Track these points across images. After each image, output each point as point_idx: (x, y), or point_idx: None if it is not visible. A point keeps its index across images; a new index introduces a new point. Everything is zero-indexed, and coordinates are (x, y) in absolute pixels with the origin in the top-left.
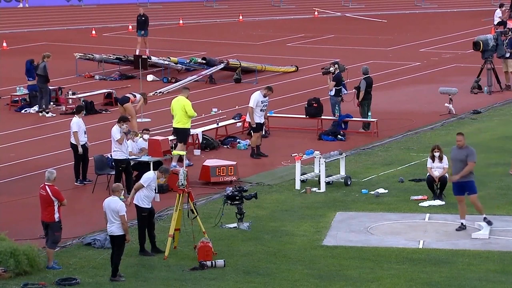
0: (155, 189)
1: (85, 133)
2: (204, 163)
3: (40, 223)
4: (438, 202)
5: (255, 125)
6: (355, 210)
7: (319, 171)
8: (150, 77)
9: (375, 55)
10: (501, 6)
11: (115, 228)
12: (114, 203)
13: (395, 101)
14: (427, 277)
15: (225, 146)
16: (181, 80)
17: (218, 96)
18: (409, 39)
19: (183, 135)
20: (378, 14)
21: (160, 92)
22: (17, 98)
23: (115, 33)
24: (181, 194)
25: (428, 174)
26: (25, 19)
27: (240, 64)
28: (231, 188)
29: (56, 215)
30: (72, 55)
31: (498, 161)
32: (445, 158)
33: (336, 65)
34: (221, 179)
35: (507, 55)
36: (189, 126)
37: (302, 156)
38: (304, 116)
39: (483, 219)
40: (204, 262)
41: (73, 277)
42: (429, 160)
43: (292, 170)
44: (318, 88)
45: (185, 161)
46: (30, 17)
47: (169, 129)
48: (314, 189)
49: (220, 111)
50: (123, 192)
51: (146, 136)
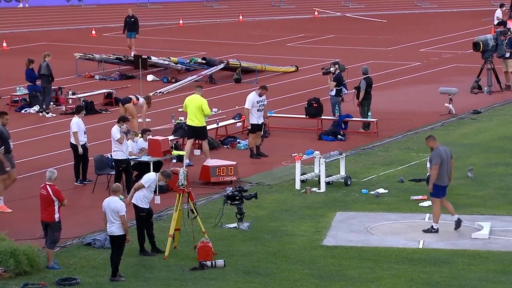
0: (154, 191)
1: (85, 133)
2: (204, 163)
3: (40, 223)
4: None
5: (250, 127)
6: (355, 210)
7: (319, 171)
8: (150, 77)
9: (375, 55)
10: (501, 6)
11: (115, 228)
12: (114, 203)
13: (395, 101)
14: (427, 277)
15: (225, 146)
16: (181, 80)
17: (218, 96)
18: (409, 39)
19: (203, 132)
20: (378, 14)
21: (160, 92)
22: (17, 98)
23: (115, 33)
24: (181, 194)
25: (428, 174)
26: (25, 19)
27: (240, 64)
28: (231, 188)
29: (56, 215)
30: (72, 55)
31: (498, 161)
32: None
33: (336, 65)
34: (221, 179)
35: (507, 55)
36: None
37: (302, 156)
38: (304, 116)
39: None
40: (204, 262)
41: (73, 277)
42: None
43: (292, 170)
44: (318, 88)
45: (185, 161)
46: (30, 17)
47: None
48: (314, 189)
49: (220, 111)
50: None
51: (149, 137)
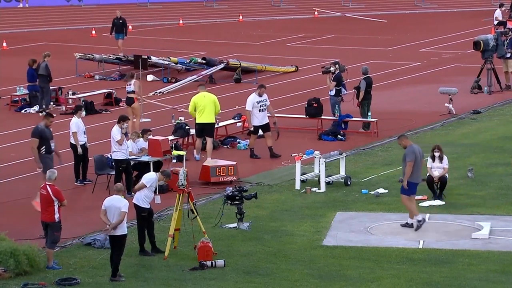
0: (155, 191)
1: (84, 133)
2: (204, 163)
3: (40, 223)
4: (438, 202)
5: (252, 128)
6: (355, 210)
7: (319, 171)
8: (150, 77)
9: (375, 55)
10: (501, 6)
11: (120, 229)
12: (119, 202)
13: (395, 101)
14: (427, 277)
15: (225, 146)
16: (181, 80)
17: (218, 96)
18: (409, 39)
19: (212, 129)
20: (378, 14)
21: (160, 92)
22: (17, 98)
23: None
24: (181, 194)
25: (428, 174)
26: (25, 19)
27: (240, 64)
28: (231, 188)
29: (56, 215)
30: (72, 55)
31: (498, 161)
32: (445, 158)
33: (336, 65)
34: (221, 179)
35: (508, 55)
36: None
37: (302, 156)
38: (304, 116)
39: (406, 223)
40: (204, 262)
41: (73, 277)
42: (429, 160)
43: (292, 170)
44: (318, 88)
45: (184, 160)
46: (30, 17)
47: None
48: (314, 189)
49: (220, 111)
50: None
51: (149, 137)
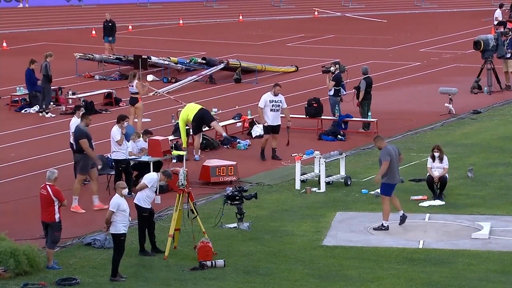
0: (156, 191)
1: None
2: (204, 163)
3: (40, 223)
4: (438, 202)
5: (265, 123)
6: (355, 210)
7: (319, 171)
8: (150, 77)
9: (375, 55)
10: (501, 6)
11: (112, 227)
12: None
13: (395, 101)
14: (427, 277)
15: (225, 146)
16: (181, 80)
17: (218, 96)
18: (409, 39)
19: (208, 114)
20: (378, 14)
21: (156, 93)
22: (17, 98)
23: (115, 33)
24: (181, 194)
25: (428, 174)
26: (25, 19)
27: (240, 64)
28: (231, 188)
29: (57, 215)
30: (72, 55)
31: (498, 161)
32: (445, 158)
33: (337, 65)
34: (221, 179)
35: (508, 55)
36: None
37: (302, 156)
38: (304, 116)
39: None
40: (204, 262)
41: (73, 277)
42: (429, 160)
43: (292, 170)
44: (318, 88)
45: (184, 161)
46: (30, 17)
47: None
48: (314, 189)
49: (220, 111)
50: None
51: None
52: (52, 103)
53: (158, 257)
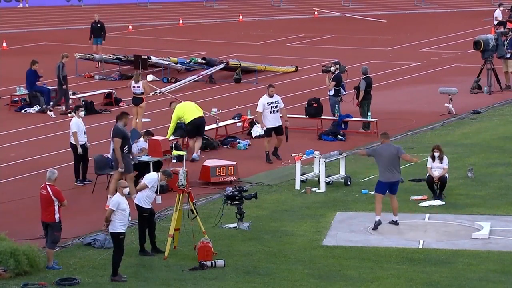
0: (156, 191)
1: (84, 133)
2: (204, 163)
3: (40, 223)
4: (438, 202)
5: (265, 129)
6: (355, 210)
7: (319, 171)
8: (150, 77)
9: (375, 55)
10: (500, 6)
11: (110, 225)
12: (125, 202)
13: (395, 101)
14: (427, 277)
15: (225, 146)
16: (181, 80)
17: (218, 96)
18: (409, 39)
19: (204, 125)
20: (378, 14)
21: (160, 92)
22: (17, 98)
23: (115, 33)
24: (181, 194)
25: (428, 174)
26: (25, 19)
27: (240, 64)
28: (231, 188)
29: (57, 215)
30: (72, 55)
31: (498, 161)
32: (445, 158)
33: (337, 65)
34: (221, 179)
35: (508, 55)
36: None
37: (302, 156)
38: (304, 116)
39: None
40: (204, 262)
41: (73, 277)
42: (429, 160)
43: (292, 170)
44: (318, 88)
45: (184, 161)
46: (30, 17)
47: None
48: (314, 189)
49: (220, 111)
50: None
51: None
52: (52, 103)
53: (158, 257)
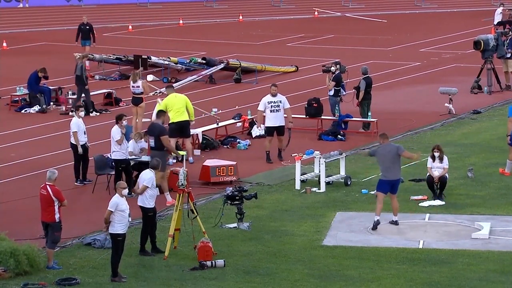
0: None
1: (84, 133)
2: (204, 163)
3: (40, 223)
4: (438, 202)
5: (259, 128)
6: (355, 210)
7: (319, 171)
8: (150, 77)
9: (375, 55)
10: (500, 6)
11: (110, 227)
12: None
13: (395, 101)
14: (427, 277)
15: (225, 146)
16: (181, 80)
17: (218, 96)
18: (409, 39)
19: (188, 127)
20: (378, 14)
21: (159, 92)
22: (17, 98)
23: (115, 33)
24: (181, 194)
25: (428, 174)
26: (25, 19)
27: (240, 64)
28: (231, 188)
29: (57, 215)
30: (72, 55)
31: (498, 161)
32: (445, 158)
33: (337, 65)
34: (221, 179)
35: (508, 55)
36: None
37: (302, 156)
38: (304, 116)
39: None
40: (204, 262)
41: (73, 277)
42: (429, 160)
43: (292, 170)
44: (318, 88)
45: (185, 161)
46: (30, 17)
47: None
48: (314, 189)
49: (220, 111)
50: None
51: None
52: (52, 103)
53: (158, 257)
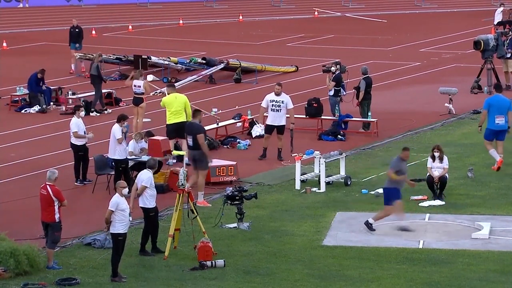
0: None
1: (85, 133)
2: None
3: (40, 223)
4: (438, 202)
5: (258, 124)
6: (355, 210)
7: (319, 171)
8: (150, 77)
9: (375, 55)
10: (501, 6)
11: (111, 227)
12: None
13: (395, 101)
14: (427, 277)
15: (225, 146)
16: (181, 80)
17: (218, 96)
18: (409, 39)
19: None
20: (378, 14)
21: (160, 92)
22: (17, 98)
23: (115, 33)
24: (181, 194)
25: (428, 174)
26: (25, 19)
27: (240, 64)
28: (231, 188)
29: (57, 215)
30: (72, 55)
31: None
32: (445, 158)
33: (338, 65)
34: (221, 179)
35: (508, 55)
36: None
37: (302, 156)
38: (304, 116)
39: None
40: (204, 262)
41: (73, 277)
42: (429, 160)
43: (292, 170)
44: (318, 88)
45: (185, 160)
46: (30, 17)
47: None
48: (314, 189)
49: (220, 111)
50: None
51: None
52: (52, 103)
53: (158, 257)
